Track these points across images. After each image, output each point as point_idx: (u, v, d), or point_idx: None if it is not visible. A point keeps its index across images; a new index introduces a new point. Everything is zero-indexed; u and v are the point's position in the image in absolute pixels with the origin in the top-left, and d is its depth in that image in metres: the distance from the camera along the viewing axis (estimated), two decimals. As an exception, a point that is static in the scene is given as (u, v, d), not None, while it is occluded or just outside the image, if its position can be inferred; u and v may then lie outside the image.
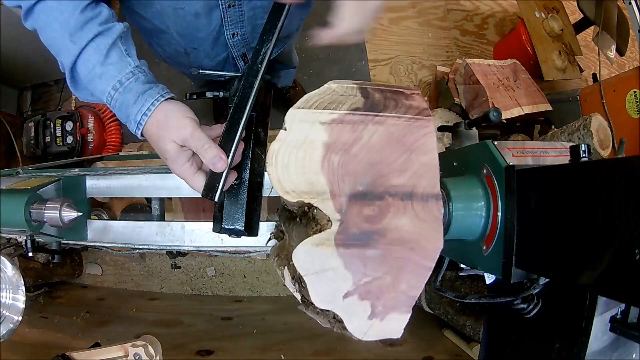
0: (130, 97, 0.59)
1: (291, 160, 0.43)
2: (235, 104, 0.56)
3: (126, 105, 0.59)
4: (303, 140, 0.43)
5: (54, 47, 0.61)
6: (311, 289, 0.41)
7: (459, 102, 1.61)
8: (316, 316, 0.45)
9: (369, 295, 0.41)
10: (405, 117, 0.45)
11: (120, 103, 0.60)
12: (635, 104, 1.33)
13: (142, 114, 0.58)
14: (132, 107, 0.59)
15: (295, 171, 0.43)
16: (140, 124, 0.59)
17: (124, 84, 0.59)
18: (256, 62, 0.58)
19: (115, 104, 0.60)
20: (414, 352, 1.34)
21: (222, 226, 0.61)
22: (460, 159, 0.59)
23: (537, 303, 0.54)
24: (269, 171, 0.43)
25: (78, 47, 0.59)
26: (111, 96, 0.60)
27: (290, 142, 0.43)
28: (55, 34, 0.60)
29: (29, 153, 1.86)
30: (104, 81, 0.59)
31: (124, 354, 0.80)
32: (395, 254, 0.42)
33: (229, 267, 1.82)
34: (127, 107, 0.59)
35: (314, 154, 0.43)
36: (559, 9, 1.80)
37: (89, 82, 0.61)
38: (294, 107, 0.45)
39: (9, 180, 0.86)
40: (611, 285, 0.35)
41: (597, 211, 0.36)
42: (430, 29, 2.19)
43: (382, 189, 0.42)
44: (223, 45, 0.87)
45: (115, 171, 0.85)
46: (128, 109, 0.59)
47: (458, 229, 0.52)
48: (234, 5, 0.78)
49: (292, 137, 0.43)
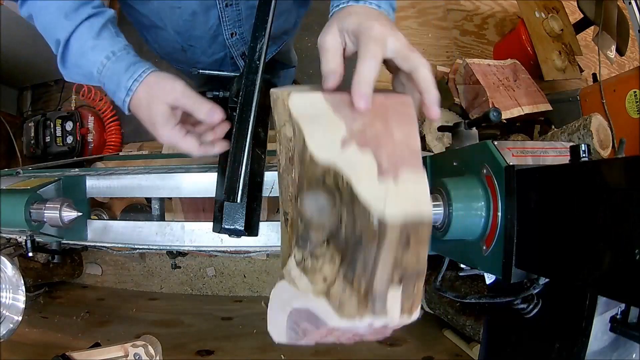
0: (122, 66, 0.61)
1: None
2: (240, 102, 0.56)
3: (117, 73, 0.61)
4: None
5: (48, 28, 0.64)
6: (309, 138, 0.43)
7: (459, 102, 1.61)
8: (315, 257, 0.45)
9: (368, 142, 0.42)
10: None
11: (111, 72, 0.62)
12: (635, 104, 1.33)
13: (133, 80, 0.60)
14: (124, 74, 0.61)
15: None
16: (130, 90, 0.61)
17: (116, 54, 0.62)
18: (253, 59, 0.58)
19: (106, 73, 0.62)
20: (414, 352, 1.34)
21: (222, 226, 0.61)
22: (460, 159, 0.59)
23: (537, 303, 0.54)
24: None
25: (73, 24, 0.62)
26: (103, 65, 0.62)
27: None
28: (50, 16, 0.63)
29: (29, 153, 1.86)
30: (97, 52, 0.62)
31: (124, 354, 0.80)
32: (374, 99, 0.44)
33: (229, 267, 1.82)
34: (118, 75, 0.61)
35: None
36: (559, 9, 1.80)
37: (80, 56, 0.63)
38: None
39: (9, 180, 0.86)
40: (611, 285, 0.35)
41: (597, 211, 0.36)
42: (430, 29, 2.19)
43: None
44: (221, 44, 0.86)
45: (115, 171, 0.85)
46: (119, 77, 0.61)
47: (458, 229, 0.52)
48: (232, 4, 0.78)
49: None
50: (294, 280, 0.45)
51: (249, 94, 0.56)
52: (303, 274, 0.45)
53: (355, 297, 0.41)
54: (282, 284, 0.47)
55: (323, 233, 0.45)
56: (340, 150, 0.42)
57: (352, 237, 0.42)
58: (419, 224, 0.40)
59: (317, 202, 0.44)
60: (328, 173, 0.43)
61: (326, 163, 0.42)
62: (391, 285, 0.41)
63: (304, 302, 0.44)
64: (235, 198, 0.53)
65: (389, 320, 0.41)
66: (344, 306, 0.41)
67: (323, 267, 0.44)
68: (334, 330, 0.43)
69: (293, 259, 0.46)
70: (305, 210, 0.44)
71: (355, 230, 0.42)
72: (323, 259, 0.44)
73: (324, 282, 0.43)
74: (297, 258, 0.46)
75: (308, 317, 0.43)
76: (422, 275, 0.42)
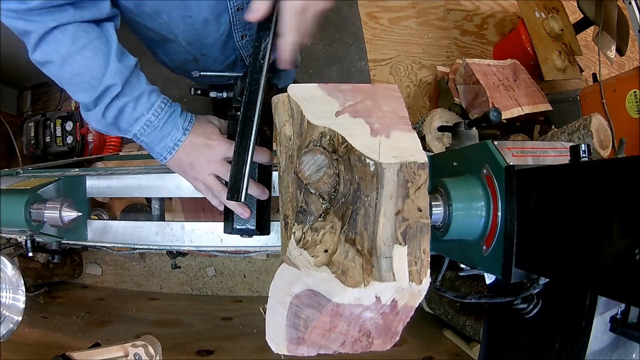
0: (177, 109, 0.65)
1: None
2: (245, 102, 0.56)
3: (175, 116, 0.64)
4: None
5: (90, 72, 0.59)
6: (306, 111, 0.46)
7: (459, 102, 1.61)
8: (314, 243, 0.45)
9: (359, 113, 0.46)
10: None
11: (169, 114, 0.64)
12: (635, 104, 1.33)
13: (188, 121, 0.65)
14: (180, 117, 0.65)
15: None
16: (187, 130, 0.64)
17: (169, 101, 0.65)
18: (258, 58, 0.58)
19: (164, 116, 0.64)
20: (414, 352, 1.34)
21: (234, 227, 0.61)
22: (460, 159, 0.59)
23: (537, 303, 0.54)
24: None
25: (128, 69, 0.61)
26: (161, 109, 0.63)
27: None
28: (91, 61, 0.59)
29: (29, 153, 1.86)
30: (153, 97, 0.63)
31: (124, 354, 0.80)
32: (363, 87, 0.49)
33: (229, 267, 1.82)
34: (176, 118, 0.64)
35: None
36: (559, 9, 1.80)
37: (134, 101, 0.62)
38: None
39: (9, 180, 0.86)
40: (611, 285, 0.35)
41: (597, 211, 0.36)
42: (430, 29, 2.19)
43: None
44: (232, 48, 0.86)
45: (115, 171, 0.85)
46: (175, 119, 0.64)
47: (458, 229, 0.52)
48: (243, 7, 0.78)
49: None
50: (294, 261, 0.44)
51: (254, 93, 0.56)
52: (303, 250, 0.44)
53: (359, 259, 0.40)
54: (281, 269, 0.47)
55: (322, 202, 0.45)
56: (335, 118, 0.46)
57: (350, 191, 0.43)
58: (416, 169, 0.41)
59: (314, 159, 0.45)
60: (324, 135, 0.46)
61: (322, 127, 0.46)
62: (396, 243, 0.40)
63: (304, 281, 0.43)
64: (239, 197, 0.52)
65: (397, 288, 0.39)
66: (347, 272, 0.40)
67: (324, 238, 0.44)
68: (339, 315, 0.41)
69: (293, 241, 0.46)
70: (304, 170, 0.45)
71: (352, 182, 0.43)
72: (323, 229, 0.44)
73: (325, 253, 0.43)
74: (297, 236, 0.46)
75: (309, 299, 0.42)
76: (426, 233, 0.41)
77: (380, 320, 0.42)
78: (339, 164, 0.44)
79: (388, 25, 2.17)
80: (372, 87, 0.49)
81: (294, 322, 0.44)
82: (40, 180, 0.80)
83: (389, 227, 0.39)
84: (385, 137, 0.43)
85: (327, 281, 0.41)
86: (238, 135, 0.55)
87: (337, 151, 0.45)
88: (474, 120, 0.67)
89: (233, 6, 0.77)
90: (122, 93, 0.60)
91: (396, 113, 0.46)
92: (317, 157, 0.45)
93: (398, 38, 2.15)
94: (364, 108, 0.47)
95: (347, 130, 0.44)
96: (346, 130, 0.44)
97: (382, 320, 0.42)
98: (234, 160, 0.54)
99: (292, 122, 0.49)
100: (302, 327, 0.43)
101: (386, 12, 2.18)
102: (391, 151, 0.42)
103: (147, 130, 0.63)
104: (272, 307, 0.47)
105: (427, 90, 2.07)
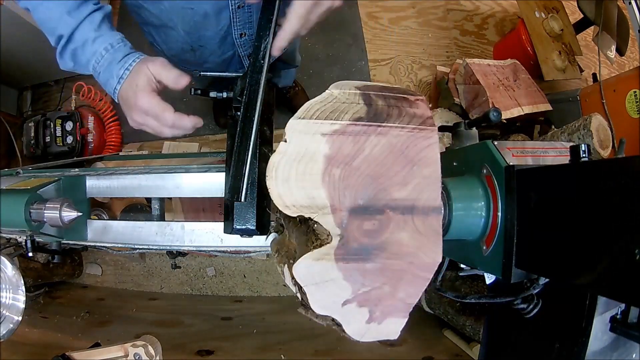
0: (118, 56, 0.69)
1: (291, 173, 0.41)
2: (245, 102, 0.56)
3: (114, 63, 0.69)
4: (304, 153, 0.42)
5: (49, 23, 0.69)
6: (311, 297, 0.41)
7: (459, 102, 1.61)
8: (315, 319, 0.45)
9: (367, 302, 0.42)
10: (408, 128, 0.44)
11: (108, 62, 0.69)
12: (635, 104, 1.33)
13: (124, 69, 0.68)
14: (117, 64, 0.69)
15: (295, 185, 0.41)
16: (122, 78, 0.69)
17: (114, 47, 0.70)
18: (258, 58, 0.58)
19: (103, 63, 0.70)
20: (414, 352, 1.34)
21: (234, 227, 0.61)
22: (460, 159, 0.59)
23: (537, 303, 0.54)
24: (268, 185, 0.42)
25: (76, 21, 0.68)
26: (102, 56, 0.69)
27: (291, 155, 0.42)
28: (51, 12, 0.68)
29: (29, 153, 1.86)
30: (97, 44, 0.69)
31: (124, 354, 0.80)
32: (394, 267, 0.42)
33: (229, 267, 1.82)
34: (113, 64, 0.69)
35: (315, 168, 0.42)
36: (559, 9, 1.80)
37: (80, 49, 0.70)
38: (295, 117, 0.43)
39: (9, 180, 0.86)
40: (611, 285, 0.35)
41: (597, 211, 0.36)
42: (430, 29, 2.19)
43: (383, 202, 0.41)
44: (230, 44, 0.87)
45: (115, 171, 0.85)
46: (113, 66, 0.69)
47: (458, 229, 0.52)
48: (243, 5, 0.79)
49: (292, 150, 0.42)
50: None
51: (254, 92, 0.56)
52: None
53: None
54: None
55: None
56: (340, 308, 0.42)
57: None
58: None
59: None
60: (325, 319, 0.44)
61: (323, 313, 0.43)
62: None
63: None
64: (240, 197, 0.52)
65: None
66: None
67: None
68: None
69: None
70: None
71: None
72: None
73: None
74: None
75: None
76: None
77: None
78: (331, 326, 0.44)
79: (388, 25, 2.17)
80: (408, 266, 0.42)
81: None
82: (40, 180, 0.80)
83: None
84: (377, 324, 0.42)
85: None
86: (238, 135, 0.55)
87: (333, 323, 0.44)
88: (474, 120, 0.67)
89: (234, 3, 0.77)
90: (70, 40, 0.69)
91: (406, 301, 0.43)
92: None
93: (398, 38, 2.16)
94: (377, 296, 0.42)
95: (346, 319, 0.42)
96: (345, 319, 0.42)
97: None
98: (234, 160, 0.54)
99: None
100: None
101: (386, 12, 2.18)
102: (373, 335, 0.43)
103: (97, 72, 0.71)
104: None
105: (427, 90, 2.07)
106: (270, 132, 0.65)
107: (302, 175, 0.41)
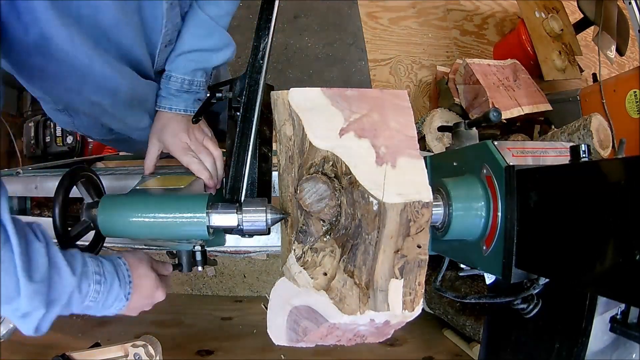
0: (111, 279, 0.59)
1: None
2: (244, 102, 0.56)
3: (115, 285, 0.60)
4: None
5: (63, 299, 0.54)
6: (308, 128, 0.44)
7: (459, 102, 1.61)
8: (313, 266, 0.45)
9: (364, 132, 0.44)
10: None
11: (107, 290, 0.59)
12: (635, 104, 1.33)
13: (127, 288, 0.60)
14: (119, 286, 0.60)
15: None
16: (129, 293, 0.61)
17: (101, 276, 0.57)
18: (257, 58, 0.58)
19: (101, 296, 0.60)
20: (414, 352, 1.34)
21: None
22: (460, 159, 0.59)
23: (537, 303, 0.54)
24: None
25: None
26: (97, 291, 0.58)
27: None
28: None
29: (29, 153, 1.86)
30: (84, 287, 0.56)
31: (124, 354, 0.80)
32: (370, 94, 0.47)
33: (229, 267, 1.82)
34: (115, 287, 0.60)
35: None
36: (559, 9, 1.80)
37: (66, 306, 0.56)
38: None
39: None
40: (611, 285, 0.35)
41: (597, 211, 0.36)
42: (430, 29, 2.19)
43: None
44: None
45: (115, 171, 0.85)
46: (114, 288, 0.60)
47: (458, 229, 0.52)
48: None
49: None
50: (294, 277, 0.45)
51: (253, 93, 0.56)
52: (303, 269, 0.45)
53: (356, 290, 0.41)
54: (282, 281, 0.47)
55: (323, 224, 0.45)
56: (339, 139, 0.44)
57: (351, 225, 0.42)
58: (420, 207, 0.40)
59: (316, 188, 0.44)
60: (327, 160, 0.44)
61: (325, 150, 0.44)
62: (393, 276, 0.40)
63: (304, 298, 0.44)
64: (239, 198, 0.52)
65: (390, 315, 0.41)
66: (344, 300, 0.41)
67: (323, 261, 0.44)
68: (335, 328, 0.43)
69: (293, 255, 0.46)
70: (305, 198, 0.44)
71: (354, 217, 0.42)
72: (323, 252, 0.44)
73: (324, 276, 0.43)
74: (297, 253, 0.46)
75: (308, 314, 0.43)
76: (423, 267, 0.42)
77: (374, 330, 0.43)
78: (342, 195, 0.43)
79: (388, 25, 2.17)
80: (380, 93, 0.47)
81: (294, 327, 0.45)
82: (183, 178, 0.65)
83: (387, 264, 0.40)
84: (392, 167, 0.42)
85: (325, 304, 0.42)
86: (238, 135, 0.55)
87: (340, 180, 0.43)
88: (474, 120, 0.67)
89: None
90: (48, 311, 0.50)
91: (404, 132, 0.45)
92: (319, 186, 0.44)
93: (398, 38, 2.15)
94: (370, 124, 0.44)
95: (351, 157, 0.42)
96: (350, 157, 0.42)
97: (375, 330, 0.43)
98: (234, 161, 0.54)
99: (292, 124, 0.48)
100: (301, 333, 0.44)
101: (386, 12, 2.18)
102: (396, 187, 0.41)
103: (92, 310, 0.58)
104: (273, 308, 0.47)
105: (427, 90, 2.07)
106: (270, 132, 0.65)
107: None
